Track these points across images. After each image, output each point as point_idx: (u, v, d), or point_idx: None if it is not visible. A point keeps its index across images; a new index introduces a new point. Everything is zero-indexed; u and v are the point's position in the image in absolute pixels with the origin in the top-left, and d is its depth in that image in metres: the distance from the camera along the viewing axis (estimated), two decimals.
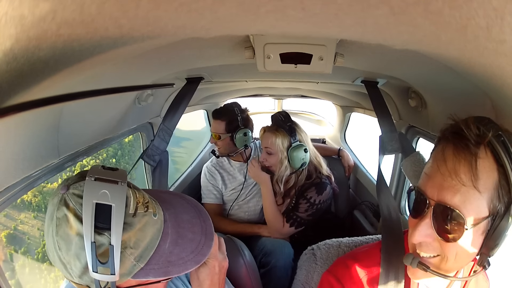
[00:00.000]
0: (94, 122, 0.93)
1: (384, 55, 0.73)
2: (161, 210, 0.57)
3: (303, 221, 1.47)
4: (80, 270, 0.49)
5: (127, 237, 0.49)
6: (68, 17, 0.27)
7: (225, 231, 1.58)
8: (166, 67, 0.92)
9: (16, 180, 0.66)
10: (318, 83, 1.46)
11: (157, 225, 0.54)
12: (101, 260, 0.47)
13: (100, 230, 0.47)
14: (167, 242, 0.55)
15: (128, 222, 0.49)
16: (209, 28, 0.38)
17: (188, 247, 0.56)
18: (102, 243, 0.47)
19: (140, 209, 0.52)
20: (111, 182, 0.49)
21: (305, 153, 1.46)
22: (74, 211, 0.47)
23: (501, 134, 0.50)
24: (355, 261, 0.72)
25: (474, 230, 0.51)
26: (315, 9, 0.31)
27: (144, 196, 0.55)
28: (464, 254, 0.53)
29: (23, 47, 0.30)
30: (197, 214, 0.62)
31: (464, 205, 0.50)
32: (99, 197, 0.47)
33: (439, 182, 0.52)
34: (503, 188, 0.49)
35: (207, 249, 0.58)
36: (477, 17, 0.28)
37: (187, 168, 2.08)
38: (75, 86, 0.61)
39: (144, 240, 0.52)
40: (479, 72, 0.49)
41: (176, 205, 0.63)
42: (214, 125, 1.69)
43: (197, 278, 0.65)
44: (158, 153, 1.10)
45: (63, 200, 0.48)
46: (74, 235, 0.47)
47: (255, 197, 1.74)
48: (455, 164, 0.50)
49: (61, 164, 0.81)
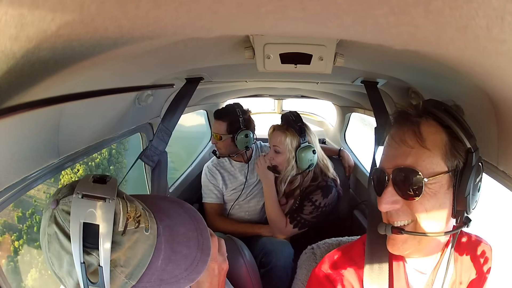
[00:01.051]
0: (94, 122, 0.93)
1: (384, 55, 0.73)
2: (155, 224, 0.55)
3: (307, 222, 1.47)
4: (74, 286, 0.48)
5: (117, 256, 0.48)
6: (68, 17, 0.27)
7: (225, 231, 1.58)
8: (166, 67, 0.92)
9: (16, 180, 0.66)
10: (318, 83, 1.46)
11: (149, 241, 0.52)
12: (92, 280, 0.46)
13: (88, 249, 0.46)
14: (160, 258, 0.53)
15: (116, 241, 0.48)
16: (209, 28, 0.38)
17: (182, 263, 0.54)
18: (91, 263, 0.47)
19: (131, 225, 0.50)
20: (99, 199, 0.47)
21: (313, 155, 1.46)
22: (63, 228, 0.46)
23: (442, 104, 0.57)
24: (340, 255, 0.74)
25: (436, 185, 0.55)
26: (315, 9, 0.31)
27: (137, 208, 0.53)
28: (435, 211, 0.56)
29: (23, 47, 0.30)
30: (195, 226, 0.59)
31: (417, 162, 0.55)
32: (86, 216, 0.45)
33: (391, 154, 0.59)
34: (456, 145, 0.55)
35: (203, 266, 0.55)
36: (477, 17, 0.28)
37: (187, 168, 2.08)
38: (75, 86, 0.61)
39: (135, 258, 0.50)
40: (479, 72, 0.49)
41: (173, 216, 0.60)
42: (216, 125, 1.68)
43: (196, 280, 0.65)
44: (157, 153, 1.10)
45: (53, 217, 0.47)
46: (65, 253, 0.47)
47: (256, 197, 1.74)
48: (400, 135, 0.58)
49: (61, 164, 0.81)
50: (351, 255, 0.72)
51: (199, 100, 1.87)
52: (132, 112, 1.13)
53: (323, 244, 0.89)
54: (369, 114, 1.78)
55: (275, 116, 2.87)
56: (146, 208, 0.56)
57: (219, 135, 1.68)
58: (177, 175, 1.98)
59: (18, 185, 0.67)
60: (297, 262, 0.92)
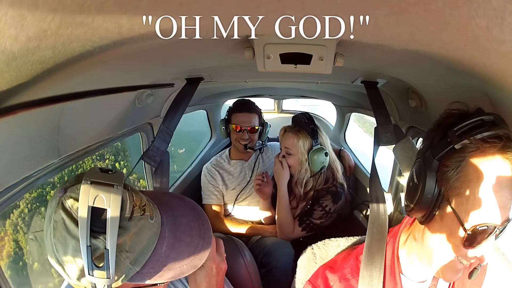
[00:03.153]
0: (94, 122, 0.93)
1: (384, 55, 0.73)
2: (159, 213, 0.57)
3: (315, 226, 1.47)
4: (77, 273, 0.49)
5: (123, 241, 0.49)
6: (68, 17, 0.27)
7: (226, 232, 1.58)
8: (166, 67, 0.92)
9: (16, 180, 0.66)
10: (318, 83, 1.46)
11: (153, 228, 0.54)
12: (97, 264, 0.47)
13: (95, 233, 0.47)
14: (164, 245, 0.55)
15: (123, 226, 0.49)
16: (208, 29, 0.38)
17: (185, 251, 0.56)
18: (98, 247, 0.47)
19: (137, 212, 0.52)
20: (107, 186, 0.48)
21: (325, 157, 1.44)
22: (71, 214, 0.47)
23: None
24: (332, 270, 0.73)
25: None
26: (315, 9, 0.31)
27: (142, 198, 0.55)
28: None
29: (23, 47, 0.30)
30: (196, 217, 0.62)
31: None
32: (95, 201, 0.47)
33: (503, 205, 0.50)
34: None
35: (205, 253, 0.57)
36: (477, 17, 0.28)
37: (187, 168, 2.08)
38: (75, 86, 0.61)
39: (140, 244, 0.52)
40: (479, 72, 0.49)
41: (175, 208, 0.62)
42: (247, 118, 1.67)
43: (195, 281, 0.65)
44: (158, 153, 1.10)
45: (61, 203, 0.48)
46: (71, 238, 0.47)
47: (256, 197, 1.74)
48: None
49: (61, 164, 0.81)
50: (343, 273, 0.72)
51: (200, 100, 1.87)
52: (132, 112, 1.13)
53: (323, 244, 0.90)
54: (369, 114, 1.78)
55: (275, 116, 2.88)
56: (150, 200, 0.58)
57: (255, 127, 1.68)
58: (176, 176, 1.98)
59: (18, 185, 0.67)
60: (297, 262, 0.92)
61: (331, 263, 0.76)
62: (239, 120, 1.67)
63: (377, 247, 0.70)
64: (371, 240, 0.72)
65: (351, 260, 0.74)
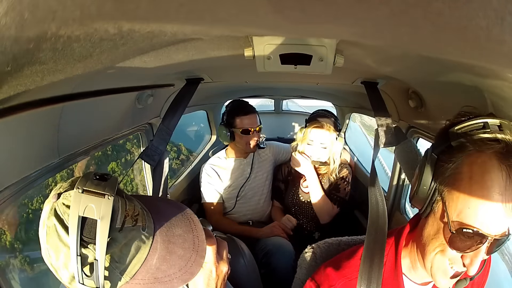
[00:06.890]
0: (94, 122, 0.93)
1: (384, 55, 0.73)
2: (152, 224, 0.56)
3: (343, 200, 1.64)
4: (68, 278, 0.49)
5: (112, 251, 0.49)
6: (68, 17, 0.27)
7: (225, 231, 1.58)
8: (166, 67, 0.92)
9: (16, 180, 0.66)
10: (318, 84, 1.46)
11: (145, 239, 0.53)
12: (87, 273, 0.47)
13: (85, 243, 0.47)
14: (155, 257, 0.53)
15: (113, 237, 0.49)
16: (208, 29, 0.38)
17: (176, 264, 0.55)
18: (88, 257, 0.47)
19: (128, 223, 0.51)
20: (99, 195, 0.48)
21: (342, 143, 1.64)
22: (63, 221, 0.47)
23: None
24: (335, 268, 0.73)
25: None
26: (315, 10, 0.31)
27: (135, 207, 0.54)
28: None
29: (23, 47, 0.29)
30: (191, 228, 0.60)
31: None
32: (85, 211, 0.47)
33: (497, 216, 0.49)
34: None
35: (197, 267, 0.56)
36: (477, 17, 0.28)
37: (186, 168, 2.09)
38: (75, 87, 0.61)
39: (130, 255, 0.51)
40: (479, 73, 0.49)
41: (170, 217, 0.60)
42: (255, 119, 1.72)
43: (193, 281, 0.64)
44: (157, 153, 1.10)
45: (53, 209, 0.48)
46: (62, 246, 0.47)
47: (256, 195, 1.74)
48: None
49: (60, 164, 0.81)
50: (345, 273, 0.72)
51: (199, 100, 1.87)
52: (132, 112, 1.13)
53: (323, 244, 0.90)
54: (369, 115, 1.78)
55: (275, 116, 2.88)
56: (144, 208, 0.57)
57: (260, 126, 1.75)
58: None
59: (18, 185, 0.67)
60: (298, 262, 0.92)
61: (333, 262, 0.76)
62: (247, 122, 1.68)
63: (377, 247, 0.70)
64: (370, 240, 0.72)
65: (353, 260, 0.74)
